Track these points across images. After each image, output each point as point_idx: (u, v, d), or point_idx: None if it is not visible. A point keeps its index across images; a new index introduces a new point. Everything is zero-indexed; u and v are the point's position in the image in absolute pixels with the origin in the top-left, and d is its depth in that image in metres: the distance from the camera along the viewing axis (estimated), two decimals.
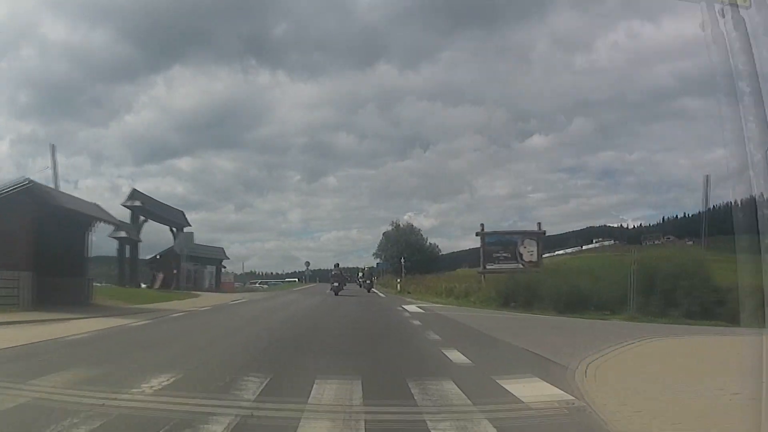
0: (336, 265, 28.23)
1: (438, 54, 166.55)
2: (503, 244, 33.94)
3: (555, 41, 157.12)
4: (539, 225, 34.28)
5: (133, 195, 30.09)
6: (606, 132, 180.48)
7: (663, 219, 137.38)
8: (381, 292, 32.52)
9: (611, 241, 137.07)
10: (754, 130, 2.87)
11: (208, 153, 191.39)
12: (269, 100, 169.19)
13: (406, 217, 68.03)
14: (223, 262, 42.03)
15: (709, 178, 34.28)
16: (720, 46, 2.98)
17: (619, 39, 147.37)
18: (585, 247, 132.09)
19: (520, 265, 32.93)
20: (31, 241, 13.53)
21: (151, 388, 4.57)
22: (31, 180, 14.44)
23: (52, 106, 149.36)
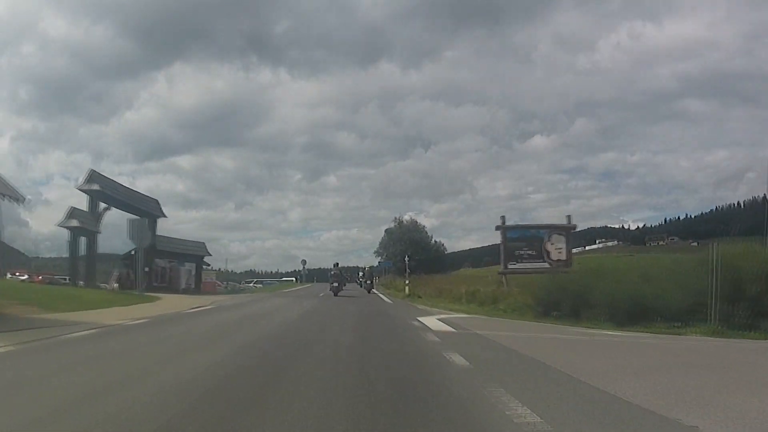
0: (335, 265, 26.69)
1: (441, 53, 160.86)
2: (527, 239, 29.38)
3: (557, 41, 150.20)
4: (569, 218, 29.60)
5: (92, 177, 25.27)
6: (607, 133, 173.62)
7: (665, 220, 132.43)
8: (384, 294, 27.75)
9: (615, 242, 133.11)
10: None
11: (208, 151, 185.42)
12: (270, 98, 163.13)
13: (406, 217, 62.87)
14: (206, 259, 37.32)
15: None
16: None
17: (622, 39, 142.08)
18: (588, 248, 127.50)
19: (546, 264, 28.66)
20: None
21: None
22: None
23: (52, 102, 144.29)
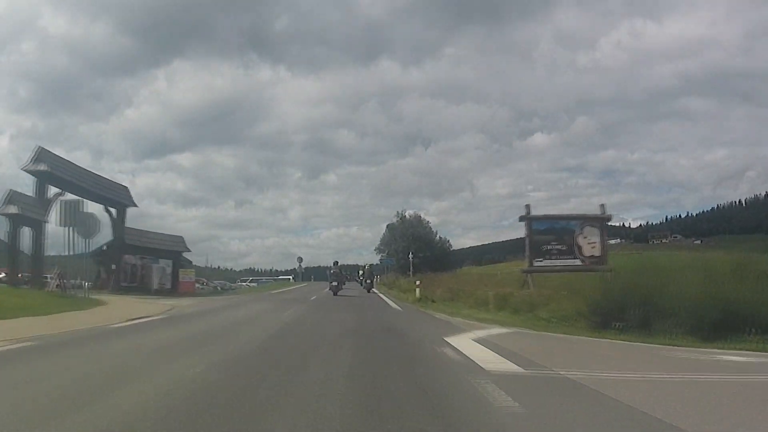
0: (335, 263, 25.79)
1: (441, 50, 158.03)
2: (556, 232, 24.95)
3: (558, 39, 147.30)
4: (603, 207, 25.32)
5: (40, 156, 21.00)
6: (608, 131, 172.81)
7: (666, 218, 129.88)
8: (389, 297, 23.51)
9: (617, 240, 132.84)
10: None
11: (208, 149, 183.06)
12: (270, 95, 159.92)
13: (410, 212, 58.36)
14: (187, 255, 33.05)
15: None
16: None
17: (622, 38, 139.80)
18: None
19: (578, 261, 24.28)
20: None
21: None
22: None
23: (52, 100, 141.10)
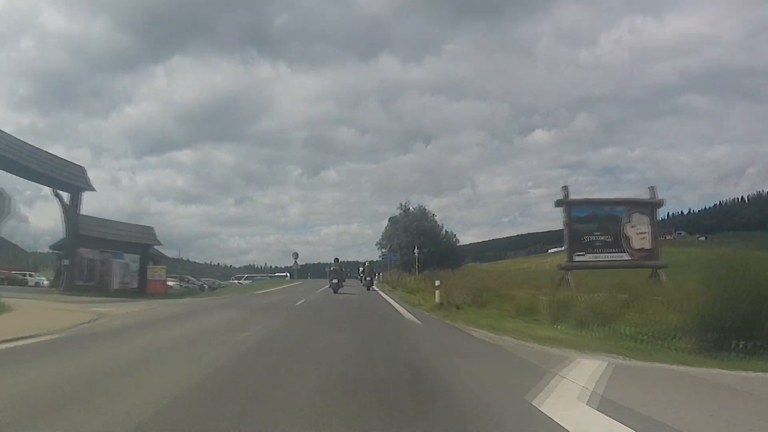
0: (335, 260, 25.11)
1: (442, 47, 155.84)
2: (600, 220, 20.92)
3: (559, 36, 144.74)
4: (653, 190, 21.12)
5: None
6: (608, 128, 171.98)
7: (668, 215, 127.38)
8: (395, 299, 19.12)
9: None
10: None
11: (208, 146, 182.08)
12: (270, 92, 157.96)
13: (414, 204, 53.43)
14: (161, 249, 28.62)
15: None
16: None
17: (623, 35, 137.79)
18: None
19: (626, 256, 20.15)
20: None
21: None
22: None
23: (51, 97, 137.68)
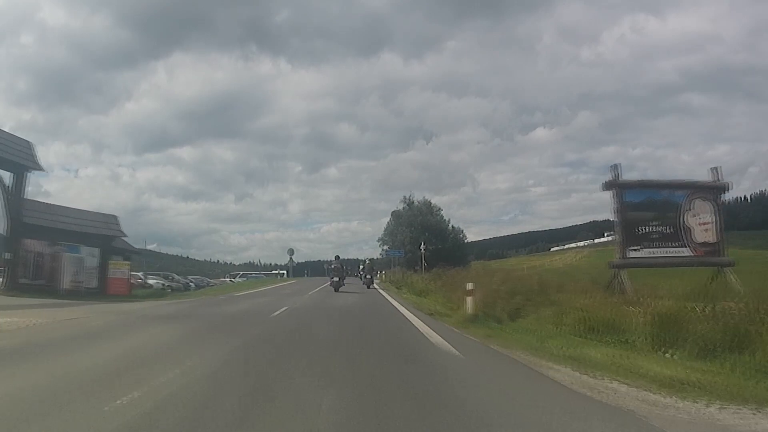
0: (336, 257, 24.30)
1: (443, 44, 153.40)
2: (656, 207, 17.01)
3: (561, 33, 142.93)
4: (716, 171, 17.47)
5: None
6: (609, 126, 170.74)
7: None
8: (403, 303, 15.27)
9: None
10: None
11: (208, 142, 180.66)
12: (270, 89, 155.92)
13: (419, 197, 49.38)
14: (123, 241, 24.72)
15: None
16: None
17: (625, 32, 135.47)
18: (597, 241, 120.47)
19: (687, 251, 16.52)
20: None
21: None
22: None
23: (51, 93, 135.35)
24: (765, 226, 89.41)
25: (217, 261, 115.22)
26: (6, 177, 19.09)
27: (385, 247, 47.48)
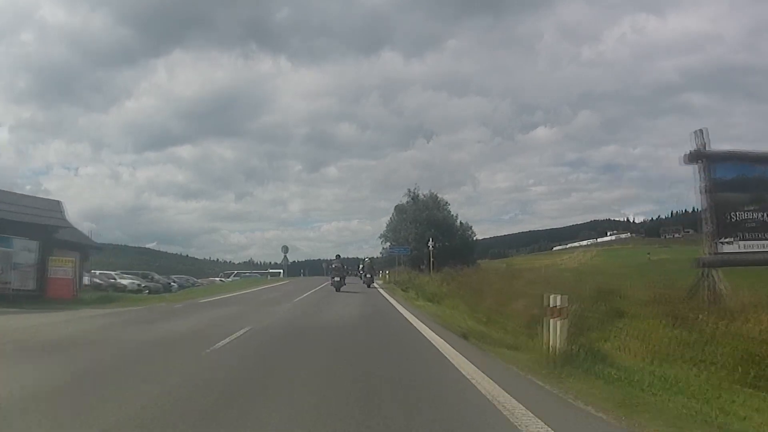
0: (337, 257, 23.69)
1: (444, 43, 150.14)
2: (752, 186, 12.26)
3: (562, 32, 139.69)
4: None
5: None
6: (610, 126, 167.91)
7: (671, 213, 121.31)
8: (423, 318, 10.61)
9: (627, 234, 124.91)
10: None
11: (208, 141, 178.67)
12: (271, 88, 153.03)
13: (424, 191, 44.94)
14: (74, 236, 20.70)
15: None
16: None
17: (626, 32, 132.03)
18: (600, 240, 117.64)
19: None
20: None
21: None
22: None
23: (51, 91, 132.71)
24: None
25: (217, 260, 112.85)
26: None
27: (388, 245, 43.33)
